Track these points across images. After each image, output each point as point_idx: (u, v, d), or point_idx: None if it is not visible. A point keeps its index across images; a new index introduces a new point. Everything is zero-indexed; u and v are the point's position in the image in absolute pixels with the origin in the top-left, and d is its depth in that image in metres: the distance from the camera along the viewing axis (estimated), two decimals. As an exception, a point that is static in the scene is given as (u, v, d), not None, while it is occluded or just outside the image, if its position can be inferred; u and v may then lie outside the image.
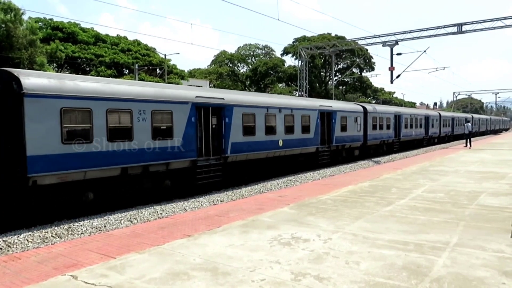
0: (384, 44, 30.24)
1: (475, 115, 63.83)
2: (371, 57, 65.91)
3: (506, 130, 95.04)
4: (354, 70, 64.86)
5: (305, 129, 19.89)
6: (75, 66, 37.51)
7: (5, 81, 9.52)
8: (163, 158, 12.73)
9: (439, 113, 43.39)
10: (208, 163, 14.46)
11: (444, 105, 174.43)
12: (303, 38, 63.24)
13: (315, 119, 20.68)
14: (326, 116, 22.07)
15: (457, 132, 47.77)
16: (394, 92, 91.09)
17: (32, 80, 9.60)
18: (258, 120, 16.83)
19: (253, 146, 16.64)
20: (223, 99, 15.20)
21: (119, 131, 11.47)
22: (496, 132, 76.91)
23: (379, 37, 31.13)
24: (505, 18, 27.20)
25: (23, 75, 9.60)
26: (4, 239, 8.66)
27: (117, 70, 39.73)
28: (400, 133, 32.01)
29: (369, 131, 26.90)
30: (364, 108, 26.72)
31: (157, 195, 13.07)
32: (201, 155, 14.38)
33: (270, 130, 17.56)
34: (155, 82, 34.71)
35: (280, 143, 18.08)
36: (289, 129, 18.72)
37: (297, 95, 43.92)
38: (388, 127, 29.76)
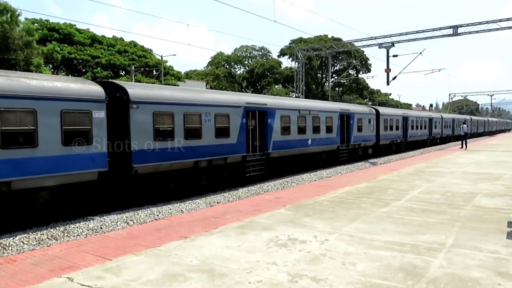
0: (380, 46, 30.37)
1: (490, 118, 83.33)
2: (368, 58, 66.24)
3: (509, 130, 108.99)
4: (351, 71, 65.00)
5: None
6: (71, 67, 37.36)
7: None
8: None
9: (471, 117, 61.36)
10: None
11: (440, 106, 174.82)
12: (300, 40, 63.29)
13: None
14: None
15: (479, 131, 68.07)
16: (390, 94, 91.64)
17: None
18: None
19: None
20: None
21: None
22: (501, 131, 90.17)
23: (375, 38, 31.24)
24: (500, 20, 27.40)
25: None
26: (-1, 241, 8.61)
27: (113, 72, 39.60)
28: (454, 131, 49.24)
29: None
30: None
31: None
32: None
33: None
34: (152, 83, 34.66)
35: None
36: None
37: (294, 96, 43.96)
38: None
